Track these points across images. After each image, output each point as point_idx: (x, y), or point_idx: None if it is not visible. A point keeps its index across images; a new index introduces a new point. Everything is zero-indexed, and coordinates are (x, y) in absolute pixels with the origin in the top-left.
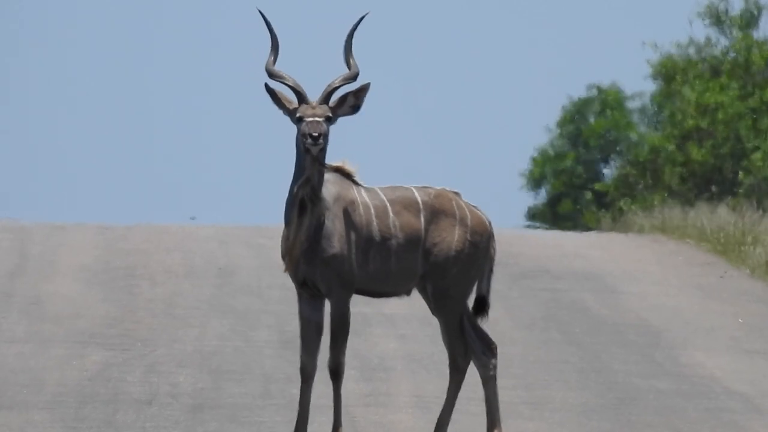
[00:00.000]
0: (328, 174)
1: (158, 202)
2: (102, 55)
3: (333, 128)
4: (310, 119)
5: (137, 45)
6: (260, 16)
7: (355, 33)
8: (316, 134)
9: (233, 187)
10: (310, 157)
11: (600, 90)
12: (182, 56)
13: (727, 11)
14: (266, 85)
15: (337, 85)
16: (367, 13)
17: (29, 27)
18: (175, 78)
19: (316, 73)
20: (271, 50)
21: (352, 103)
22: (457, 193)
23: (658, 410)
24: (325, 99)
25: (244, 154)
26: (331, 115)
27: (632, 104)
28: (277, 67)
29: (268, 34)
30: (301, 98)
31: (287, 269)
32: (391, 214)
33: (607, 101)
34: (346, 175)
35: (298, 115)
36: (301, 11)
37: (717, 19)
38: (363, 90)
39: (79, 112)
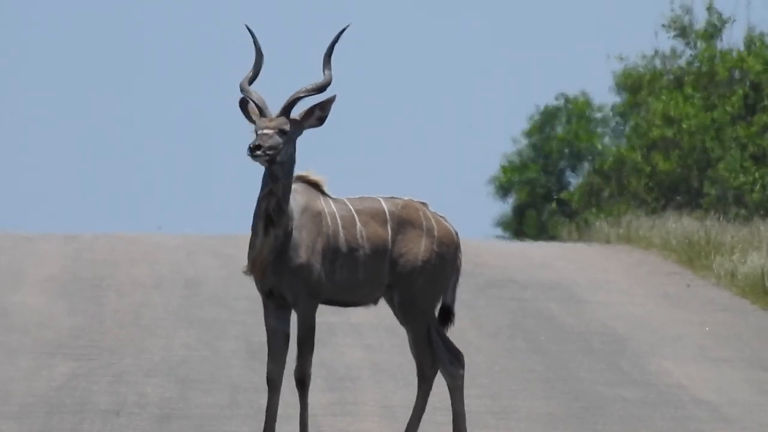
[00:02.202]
0: (295, 184)
1: (125, 212)
2: (67, 64)
3: (302, 139)
4: (260, 131)
5: (105, 55)
6: (248, 32)
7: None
8: (253, 145)
9: (200, 197)
10: (268, 171)
11: (567, 99)
12: (150, 66)
13: (691, 23)
14: (240, 101)
15: (300, 96)
16: (348, 26)
17: None
18: (142, 88)
19: (298, 82)
20: (252, 67)
21: (318, 115)
22: (424, 204)
23: (624, 419)
24: (285, 110)
25: (211, 163)
26: (287, 128)
27: (597, 115)
28: (251, 84)
29: (254, 50)
30: (262, 113)
31: (251, 273)
32: (358, 224)
33: (574, 111)
34: (314, 185)
35: (255, 128)
36: (285, 21)
37: (682, 30)
38: (329, 102)
39: (45, 121)
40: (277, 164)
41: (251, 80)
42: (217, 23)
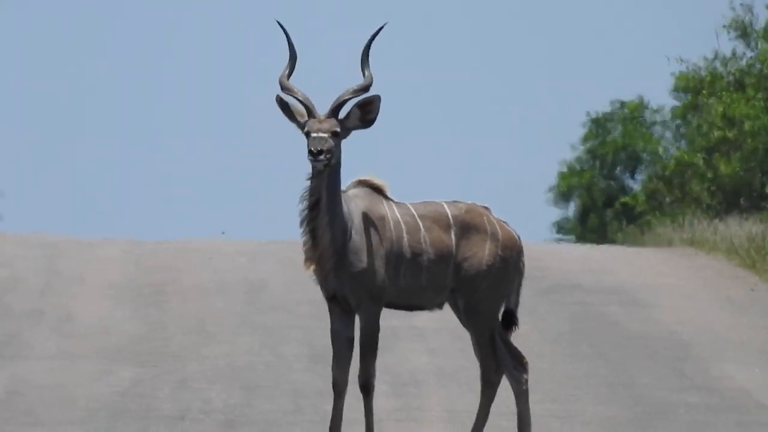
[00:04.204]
0: (357, 189)
1: (188, 218)
2: (130, 70)
3: (357, 142)
4: (315, 134)
5: (171, 58)
6: (280, 27)
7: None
8: (317, 150)
9: (263, 201)
10: (315, 170)
11: (622, 104)
12: (213, 70)
13: (752, 23)
14: (278, 98)
15: (347, 97)
16: (385, 24)
17: (60, 38)
18: (205, 92)
19: (338, 84)
20: (288, 63)
21: (359, 116)
22: (486, 208)
23: (688, 424)
24: (334, 112)
25: (274, 168)
26: (338, 129)
27: (656, 118)
28: (291, 81)
29: (287, 46)
30: (310, 112)
31: (314, 274)
32: (422, 229)
33: (629, 115)
34: (378, 189)
35: (305, 129)
36: (324, 20)
37: (743, 31)
38: (370, 103)
39: (109, 127)
40: (329, 166)
41: (288, 77)
42: (266, 23)
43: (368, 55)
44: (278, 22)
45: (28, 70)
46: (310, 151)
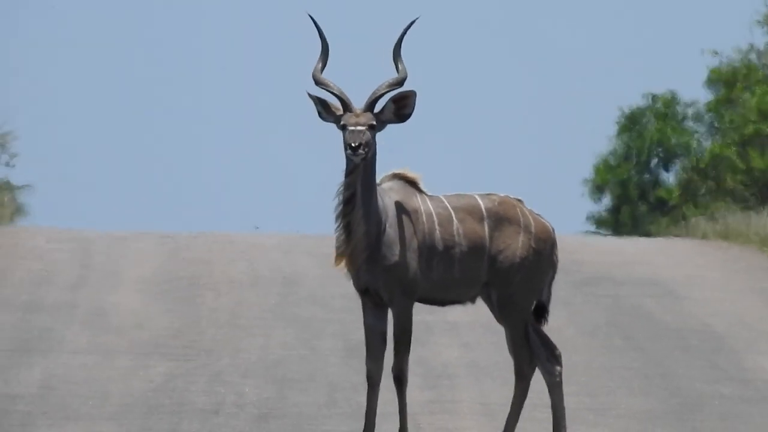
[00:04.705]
0: (391, 182)
1: (222, 212)
2: (162, 64)
3: (391, 135)
4: (352, 128)
5: (203, 52)
6: (312, 21)
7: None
8: (356, 144)
9: (297, 195)
10: (352, 164)
11: (654, 97)
12: (246, 64)
13: None
14: (312, 95)
15: (383, 91)
16: (417, 18)
17: (105, 42)
18: (239, 87)
19: (370, 78)
20: (320, 57)
21: (393, 110)
22: (520, 201)
23: (722, 416)
24: (370, 106)
25: (308, 162)
26: (374, 122)
27: (688, 111)
28: (324, 75)
29: (319, 40)
30: (346, 106)
31: (346, 268)
32: (455, 221)
33: (662, 109)
34: (411, 182)
35: (342, 123)
36: (354, 14)
37: None
38: (405, 98)
39: (142, 122)
40: (366, 160)
41: (321, 71)
42: (298, 17)
43: (401, 49)
44: (310, 16)
45: (56, 63)
46: (348, 145)
